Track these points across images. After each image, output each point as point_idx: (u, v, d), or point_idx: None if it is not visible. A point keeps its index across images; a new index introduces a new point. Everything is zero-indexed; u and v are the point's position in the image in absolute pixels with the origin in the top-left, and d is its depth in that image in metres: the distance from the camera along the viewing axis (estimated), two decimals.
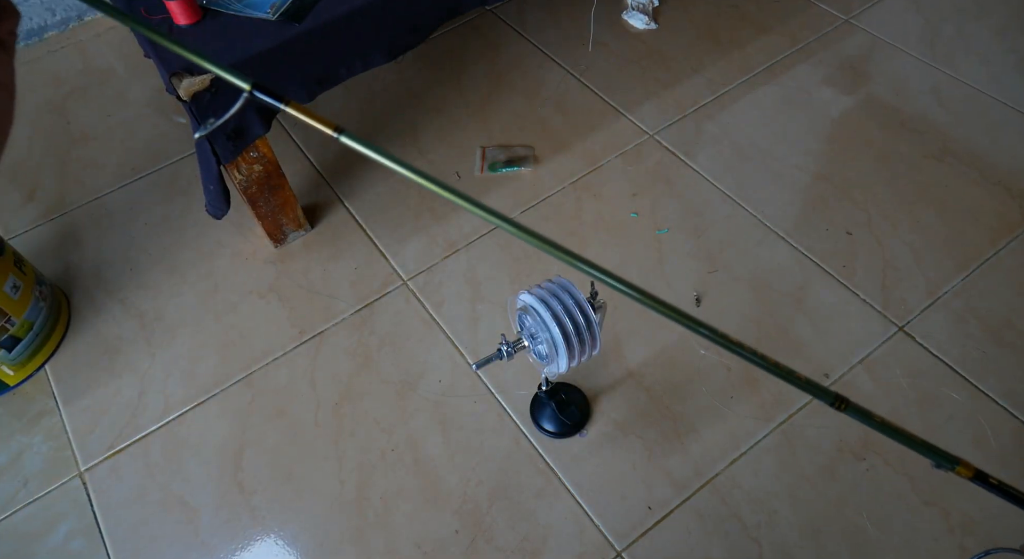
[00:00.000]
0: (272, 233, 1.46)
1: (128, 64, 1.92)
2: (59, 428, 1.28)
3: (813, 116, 1.66)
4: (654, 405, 1.23)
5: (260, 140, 1.26)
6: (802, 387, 0.35)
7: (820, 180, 1.53)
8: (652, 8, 1.91)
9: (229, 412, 1.27)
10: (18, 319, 1.28)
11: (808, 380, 0.35)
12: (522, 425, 1.23)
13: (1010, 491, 0.39)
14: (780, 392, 1.23)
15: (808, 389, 0.35)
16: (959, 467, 0.38)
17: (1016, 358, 1.25)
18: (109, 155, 1.72)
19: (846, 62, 1.77)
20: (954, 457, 0.37)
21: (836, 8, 1.90)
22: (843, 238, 1.43)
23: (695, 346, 1.30)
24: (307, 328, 1.37)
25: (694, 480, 1.15)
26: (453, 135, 1.68)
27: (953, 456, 0.37)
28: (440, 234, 1.50)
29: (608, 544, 1.10)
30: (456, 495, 1.16)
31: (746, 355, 0.33)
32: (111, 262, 1.51)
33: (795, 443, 1.18)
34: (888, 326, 1.30)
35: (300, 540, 1.13)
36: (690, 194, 1.53)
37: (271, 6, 1.19)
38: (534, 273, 1.42)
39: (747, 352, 0.33)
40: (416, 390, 1.28)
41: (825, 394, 0.35)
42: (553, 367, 0.92)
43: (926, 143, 1.58)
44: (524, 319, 0.94)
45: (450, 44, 1.89)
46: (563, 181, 1.56)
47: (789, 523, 1.10)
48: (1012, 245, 1.40)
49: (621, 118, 1.69)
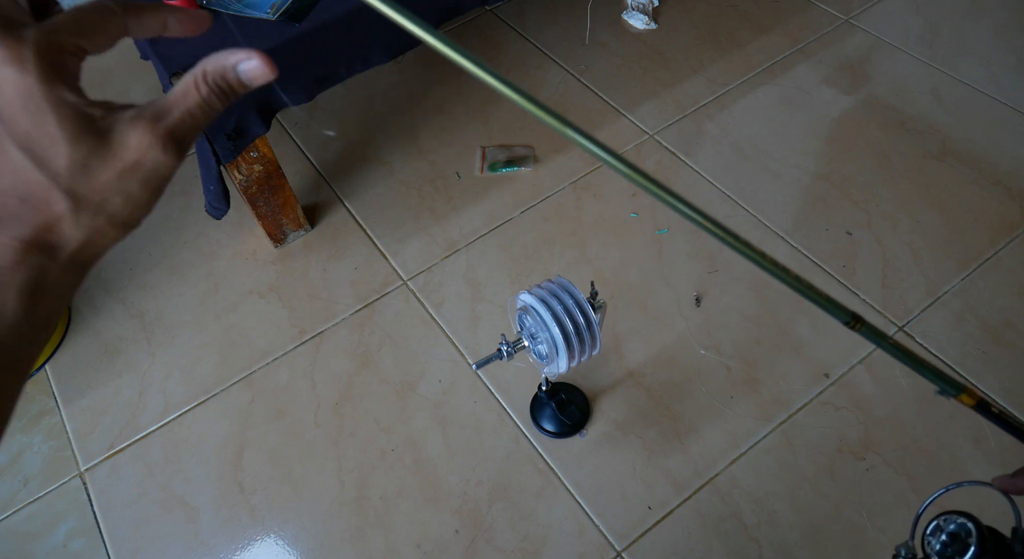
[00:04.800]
0: (272, 233, 1.46)
1: (128, 64, 1.92)
2: (59, 428, 1.28)
3: (813, 116, 1.66)
4: (654, 405, 1.23)
5: (260, 140, 1.26)
6: (821, 303, 0.35)
7: (820, 180, 1.53)
8: (652, 8, 1.91)
9: (229, 412, 1.27)
10: None
11: (827, 297, 0.36)
12: (522, 425, 1.23)
13: (1011, 422, 0.39)
14: (780, 392, 1.23)
15: (826, 306, 0.35)
16: (963, 395, 0.38)
17: (1016, 358, 1.25)
18: None
19: (846, 62, 1.77)
20: (959, 384, 0.38)
21: (836, 8, 1.90)
22: (843, 238, 1.43)
23: (695, 346, 1.30)
24: (307, 328, 1.37)
25: (694, 480, 1.15)
26: (453, 135, 1.68)
27: (958, 383, 0.37)
28: (440, 234, 1.50)
29: (608, 544, 1.10)
30: (456, 495, 1.16)
31: (768, 267, 0.33)
32: (111, 262, 1.51)
33: (795, 443, 1.18)
34: (888, 326, 1.30)
35: (300, 540, 1.13)
36: (690, 194, 1.53)
37: (271, 6, 1.19)
38: (534, 273, 1.42)
39: (768, 263, 0.33)
40: (416, 390, 1.28)
41: (842, 312, 0.35)
42: (553, 367, 0.92)
43: (926, 143, 1.58)
44: (524, 319, 0.94)
45: None
46: (563, 181, 1.56)
47: (789, 523, 1.10)
48: (1012, 245, 1.40)
49: (621, 118, 1.69)
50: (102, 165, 0.26)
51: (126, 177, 0.27)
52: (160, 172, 0.27)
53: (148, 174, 0.27)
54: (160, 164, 0.27)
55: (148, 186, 0.28)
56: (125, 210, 0.28)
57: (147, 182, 0.27)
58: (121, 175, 0.27)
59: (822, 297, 0.35)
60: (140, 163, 0.27)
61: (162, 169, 0.27)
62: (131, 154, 0.27)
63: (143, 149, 0.27)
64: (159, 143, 0.27)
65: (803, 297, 0.35)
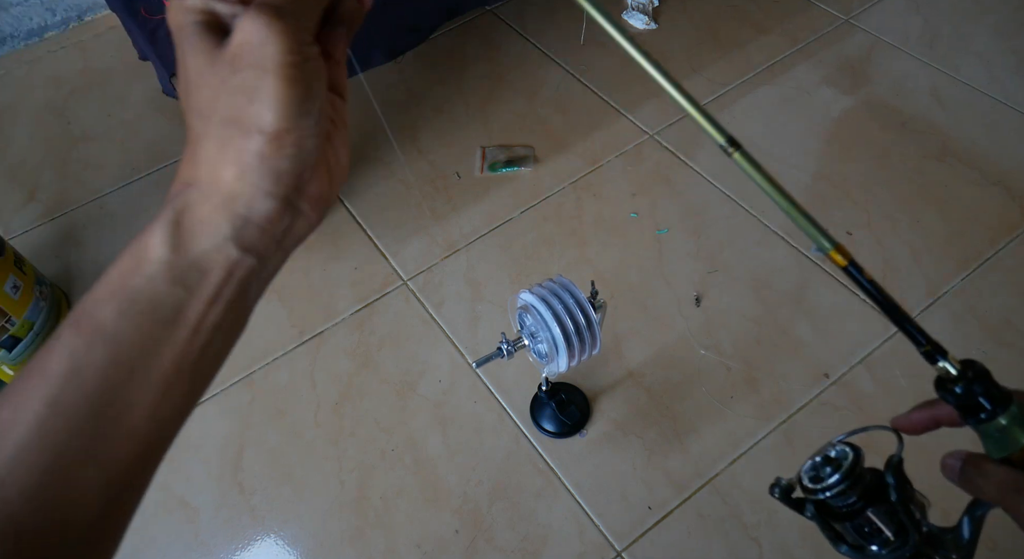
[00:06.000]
0: None
1: (128, 64, 1.92)
2: None
3: (813, 116, 1.66)
4: (654, 405, 1.23)
5: None
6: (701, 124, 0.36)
7: (820, 180, 1.53)
8: (652, 8, 1.91)
9: (229, 412, 1.27)
10: (18, 319, 1.28)
11: (708, 115, 0.36)
12: (522, 425, 1.23)
13: (881, 293, 0.38)
14: (780, 392, 1.23)
15: (704, 127, 0.36)
16: (832, 251, 0.37)
17: (1016, 358, 1.25)
18: (109, 155, 1.72)
19: (846, 62, 1.77)
20: (834, 240, 0.37)
21: (836, 8, 1.90)
22: (843, 238, 1.43)
23: (695, 346, 1.30)
24: (307, 328, 1.37)
25: (694, 480, 1.15)
26: (453, 135, 1.68)
27: (833, 239, 0.37)
28: (440, 234, 1.50)
29: (608, 544, 1.10)
30: (456, 495, 1.16)
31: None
32: (111, 262, 1.50)
33: (795, 443, 1.18)
34: (888, 326, 1.30)
35: (300, 540, 1.13)
36: (690, 194, 1.53)
37: None
38: (534, 273, 1.42)
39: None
40: (416, 390, 1.28)
41: (720, 132, 0.37)
42: (553, 366, 0.92)
43: (926, 143, 1.58)
44: (524, 318, 0.94)
45: (450, 44, 1.89)
46: (563, 181, 1.56)
47: (789, 523, 1.10)
48: (1012, 245, 1.40)
49: (621, 118, 1.69)
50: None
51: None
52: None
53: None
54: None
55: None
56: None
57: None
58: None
59: (701, 111, 0.36)
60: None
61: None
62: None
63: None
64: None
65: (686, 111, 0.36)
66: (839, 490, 0.40)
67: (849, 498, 0.40)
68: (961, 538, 0.40)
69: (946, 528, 0.41)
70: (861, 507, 0.40)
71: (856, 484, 0.40)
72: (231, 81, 0.28)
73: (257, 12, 0.27)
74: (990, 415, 0.36)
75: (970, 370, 0.36)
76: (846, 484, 0.40)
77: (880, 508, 0.40)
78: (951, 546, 0.40)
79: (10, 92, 1.91)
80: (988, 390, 0.35)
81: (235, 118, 0.28)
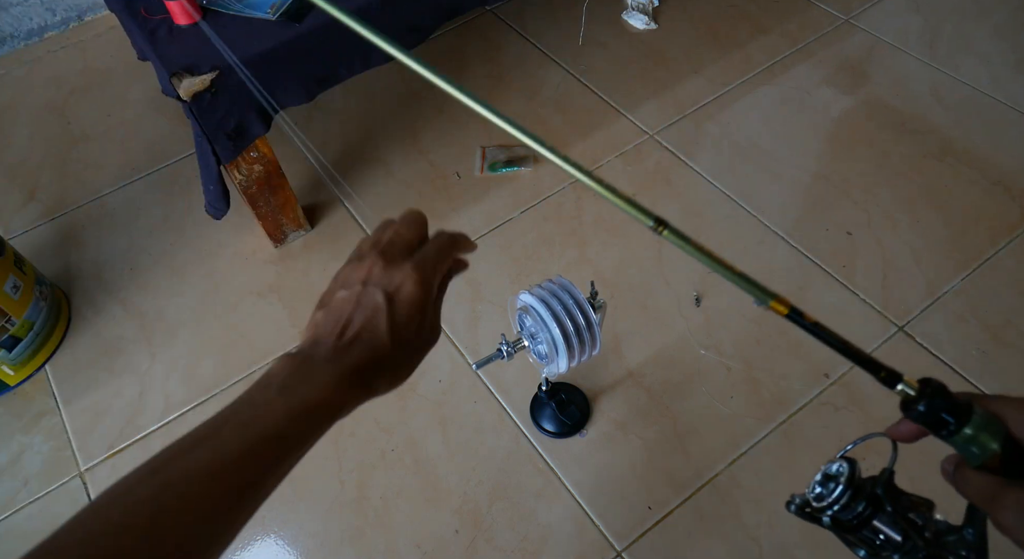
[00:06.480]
0: (272, 233, 1.46)
1: (128, 64, 1.92)
2: (59, 428, 1.28)
3: (813, 116, 1.66)
4: (654, 405, 1.23)
5: (260, 140, 1.26)
6: (625, 208, 0.37)
7: (820, 180, 1.53)
8: (652, 8, 1.91)
9: None
10: (18, 319, 1.28)
11: (630, 200, 0.38)
12: (522, 425, 1.23)
13: (825, 332, 0.39)
14: (780, 392, 1.23)
15: (630, 210, 0.38)
16: (773, 302, 0.38)
17: (1016, 358, 1.25)
18: (109, 155, 1.72)
19: (846, 62, 1.77)
20: (772, 292, 0.38)
21: (836, 8, 1.90)
22: (843, 238, 1.43)
23: (695, 346, 1.30)
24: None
25: (694, 480, 1.15)
26: (453, 135, 1.68)
27: (771, 292, 0.38)
28: None
29: (608, 544, 1.10)
30: (456, 495, 1.16)
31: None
32: (111, 262, 1.51)
33: (795, 443, 1.18)
34: (888, 326, 1.30)
35: (300, 540, 1.13)
36: (690, 194, 1.53)
37: (271, 6, 1.19)
38: (534, 273, 1.42)
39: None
40: (416, 390, 1.28)
41: (647, 216, 0.38)
42: (553, 367, 0.92)
43: (926, 143, 1.58)
44: (524, 319, 0.94)
45: (450, 44, 1.89)
46: (563, 181, 1.56)
47: (789, 523, 1.10)
48: (1012, 245, 1.40)
49: (621, 118, 1.69)
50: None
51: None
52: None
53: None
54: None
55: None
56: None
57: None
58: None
59: (626, 200, 0.37)
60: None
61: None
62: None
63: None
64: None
65: (611, 202, 0.37)
66: (844, 503, 0.41)
67: (856, 508, 0.41)
68: (968, 537, 0.40)
69: (954, 526, 0.41)
70: (870, 515, 0.41)
71: (858, 493, 0.41)
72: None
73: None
74: (956, 427, 0.37)
75: (927, 388, 0.37)
76: (848, 495, 0.41)
77: (884, 516, 0.41)
78: (961, 545, 0.40)
79: (10, 92, 1.91)
80: (948, 404, 0.37)
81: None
